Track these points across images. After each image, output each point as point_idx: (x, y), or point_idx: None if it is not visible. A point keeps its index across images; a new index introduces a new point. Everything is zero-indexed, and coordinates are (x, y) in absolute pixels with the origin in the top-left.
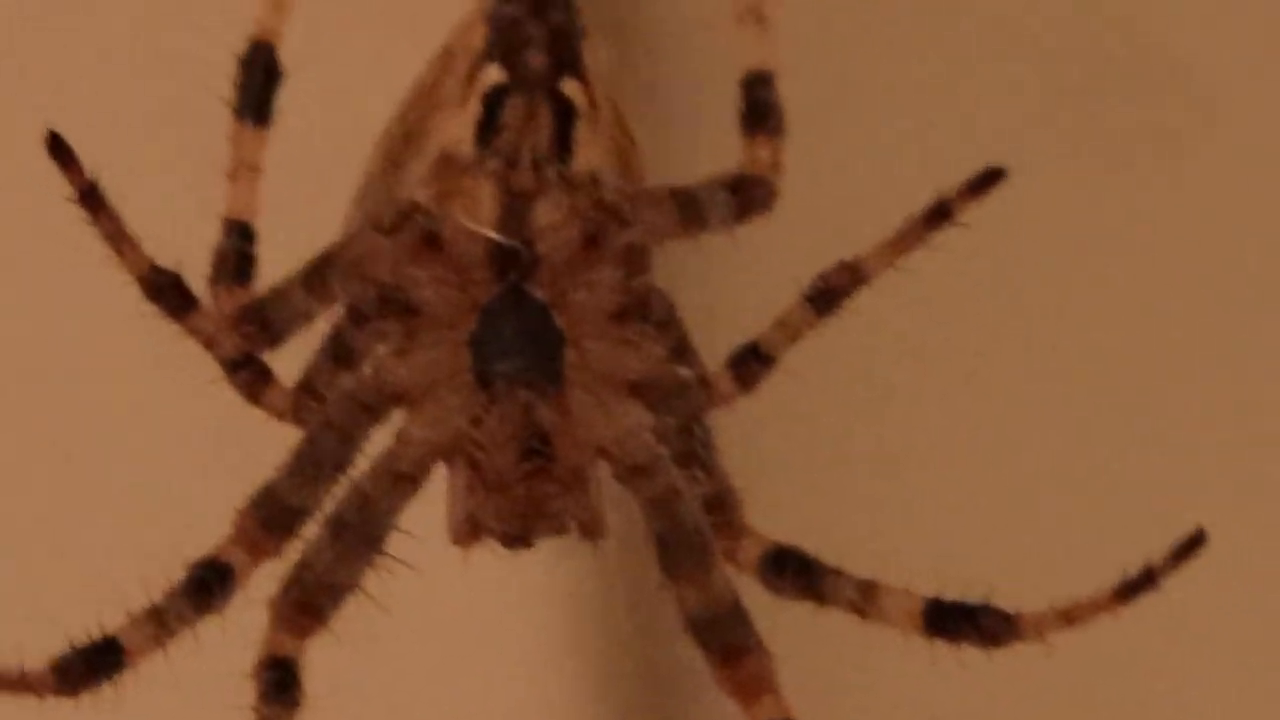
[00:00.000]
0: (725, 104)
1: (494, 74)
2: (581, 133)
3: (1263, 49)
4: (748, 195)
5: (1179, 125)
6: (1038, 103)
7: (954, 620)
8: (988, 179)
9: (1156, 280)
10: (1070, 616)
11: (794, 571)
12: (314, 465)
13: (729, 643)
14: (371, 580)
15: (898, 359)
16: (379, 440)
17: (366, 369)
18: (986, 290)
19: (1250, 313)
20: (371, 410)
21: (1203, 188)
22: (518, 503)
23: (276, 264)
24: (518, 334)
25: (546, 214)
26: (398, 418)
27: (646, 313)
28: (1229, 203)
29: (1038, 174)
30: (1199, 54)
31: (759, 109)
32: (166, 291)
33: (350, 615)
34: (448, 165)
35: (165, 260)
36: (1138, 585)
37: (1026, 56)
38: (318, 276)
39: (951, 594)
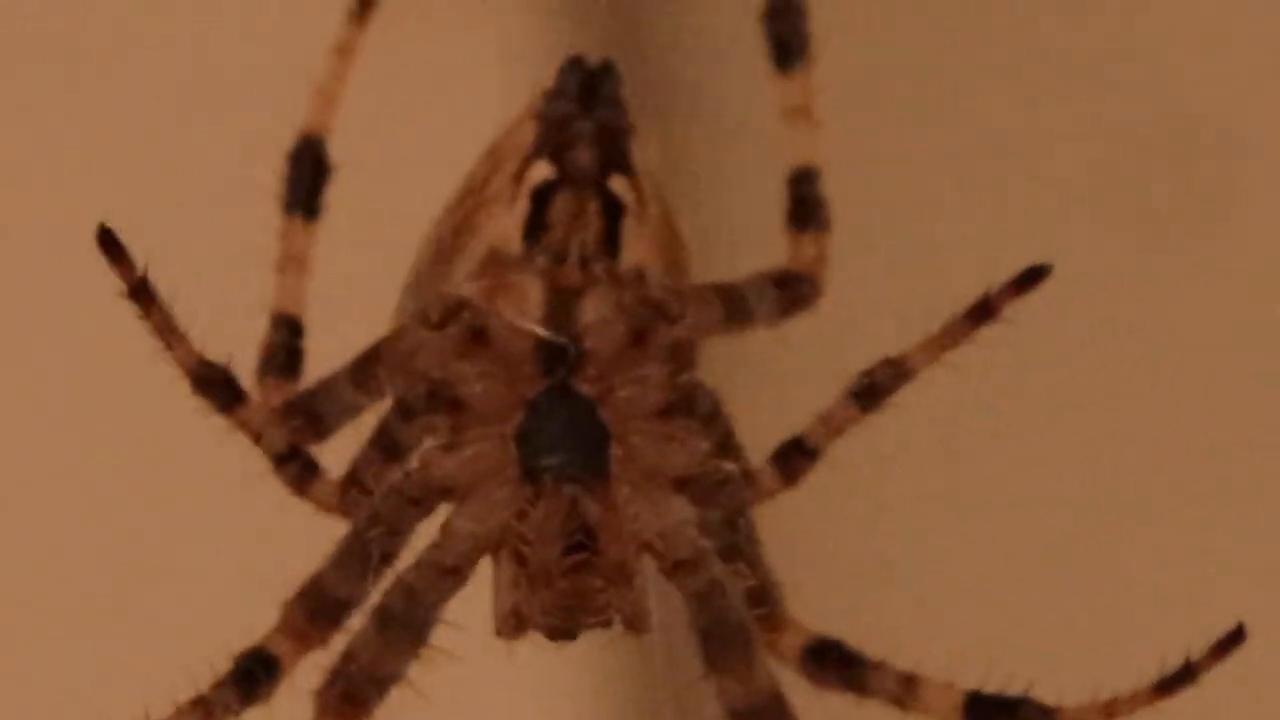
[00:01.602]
0: (770, 200)
1: (543, 171)
2: (629, 229)
3: None
4: (793, 291)
5: (1218, 193)
6: (1079, 182)
7: (994, 714)
8: (1031, 276)
9: (1200, 356)
10: (1110, 710)
11: (835, 663)
12: (360, 557)
13: None
14: (416, 670)
15: (940, 450)
16: (425, 533)
17: (413, 462)
18: (1027, 377)
19: None
20: (418, 503)
21: (1245, 254)
22: (563, 596)
23: (324, 358)
24: (564, 429)
25: (593, 310)
26: (444, 511)
27: (692, 408)
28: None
29: (1081, 254)
30: (1235, 120)
31: (804, 205)
32: (215, 385)
33: (394, 705)
34: (496, 261)
35: (214, 354)
36: (1177, 680)
37: (1066, 139)
38: (365, 370)
39: (992, 687)
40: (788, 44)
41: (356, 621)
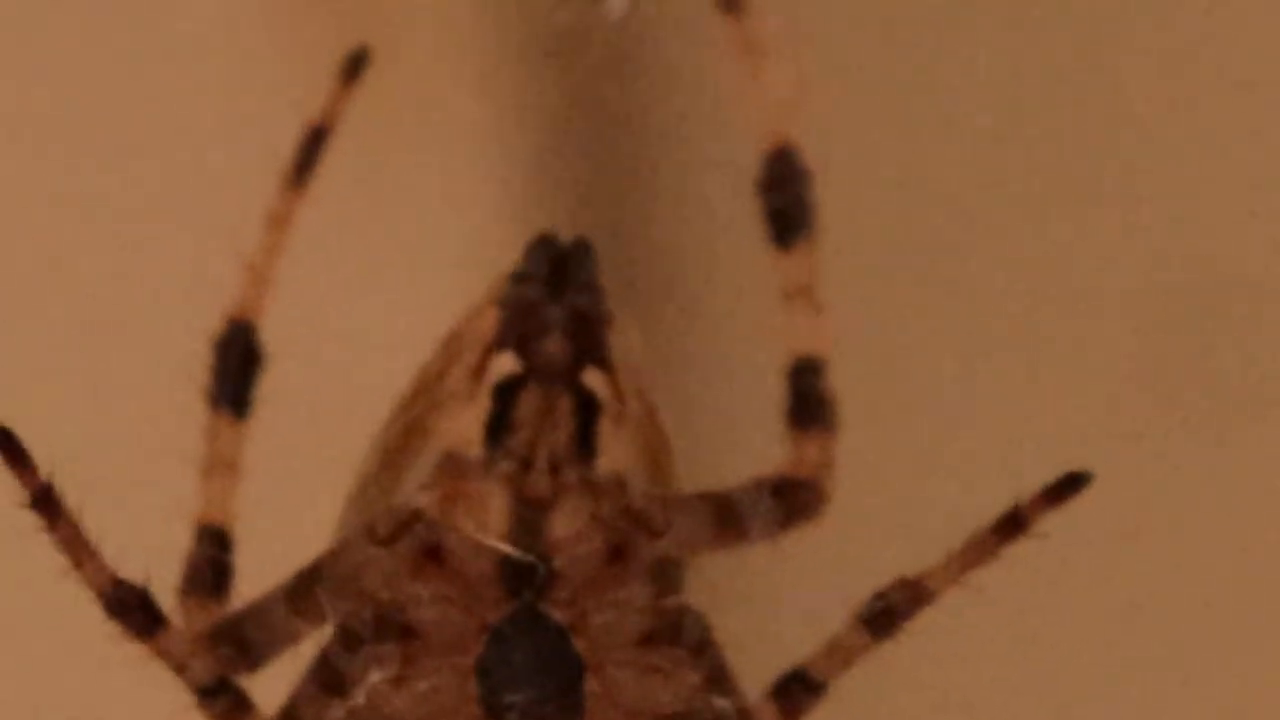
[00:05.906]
0: (769, 394)
1: (506, 364)
2: (605, 430)
3: None
4: (794, 500)
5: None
6: (1126, 372)
7: None
8: (1069, 485)
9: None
10: None
11: None
12: None
13: None
14: None
15: (952, 673)
16: None
17: (359, 698)
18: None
19: None
20: None
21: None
22: None
23: (257, 576)
24: (532, 660)
25: (565, 524)
26: None
27: (678, 636)
28: None
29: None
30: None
31: (807, 401)
32: (131, 609)
33: None
34: (453, 467)
35: (130, 572)
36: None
37: (1093, 323)
38: (304, 592)
39: None
40: (789, 216)
41: None
